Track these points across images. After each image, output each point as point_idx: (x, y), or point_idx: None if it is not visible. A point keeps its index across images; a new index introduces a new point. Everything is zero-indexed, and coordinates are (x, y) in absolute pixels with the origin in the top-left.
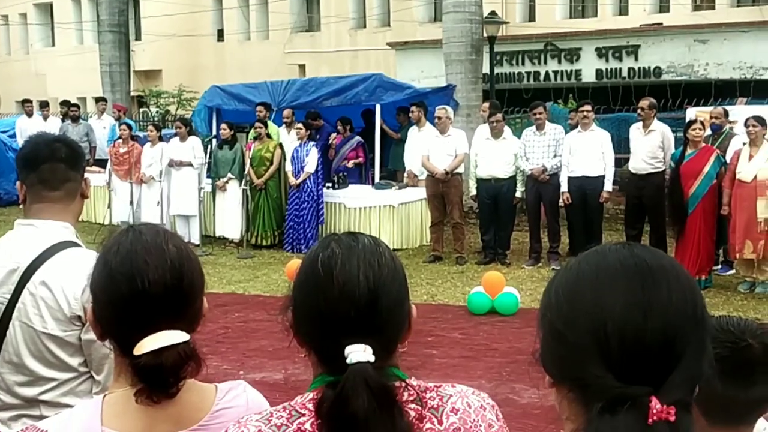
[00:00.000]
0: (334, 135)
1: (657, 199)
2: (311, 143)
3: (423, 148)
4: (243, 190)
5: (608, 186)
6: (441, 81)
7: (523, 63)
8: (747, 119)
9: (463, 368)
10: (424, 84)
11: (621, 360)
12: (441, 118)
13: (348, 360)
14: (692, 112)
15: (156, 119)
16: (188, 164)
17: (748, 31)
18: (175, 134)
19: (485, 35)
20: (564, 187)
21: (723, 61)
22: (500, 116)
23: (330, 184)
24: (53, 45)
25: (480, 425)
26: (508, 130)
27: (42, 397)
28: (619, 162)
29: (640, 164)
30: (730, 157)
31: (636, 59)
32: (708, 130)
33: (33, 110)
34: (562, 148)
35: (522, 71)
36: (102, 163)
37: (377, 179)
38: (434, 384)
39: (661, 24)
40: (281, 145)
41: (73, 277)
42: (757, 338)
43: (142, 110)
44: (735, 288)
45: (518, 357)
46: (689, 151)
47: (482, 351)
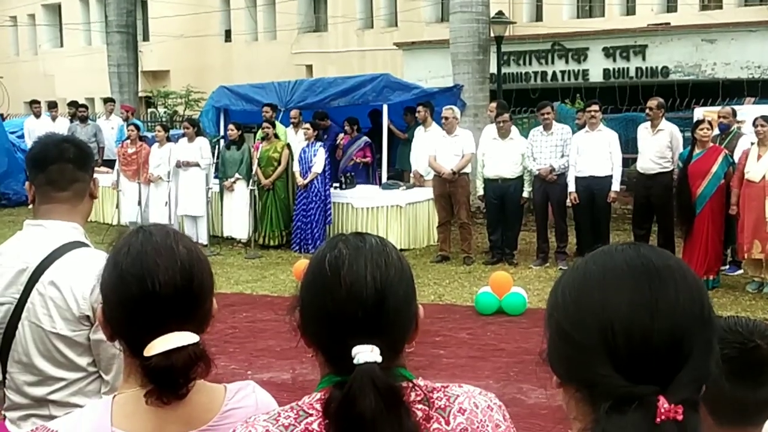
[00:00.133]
0: (342, 135)
1: (665, 199)
2: (319, 143)
3: (430, 148)
4: (251, 191)
5: (616, 186)
6: (448, 81)
7: (531, 63)
8: (756, 119)
9: (471, 368)
10: (432, 84)
11: (628, 360)
12: (448, 118)
13: (355, 360)
14: (700, 112)
15: (164, 120)
16: (195, 165)
17: (756, 31)
18: (183, 135)
19: (492, 35)
20: (571, 187)
21: (731, 61)
22: (507, 116)
23: (337, 184)
24: (61, 46)
25: (487, 425)
26: (515, 130)
27: (51, 397)
28: (627, 162)
29: (648, 164)
30: (739, 157)
31: (643, 59)
32: (716, 130)
33: (41, 111)
34: (570, 148)
35: (529, 71)
36: (110, 164)
37: (384, 179)
38: (441, 384)
39: (669, 24)
40: (289, 146)
41: (82, 277)
42: (766, 339)
43: (150, 111)
44: (743, 288)
45: (526, 357)
46: (697, 151)
47: (490, 351)
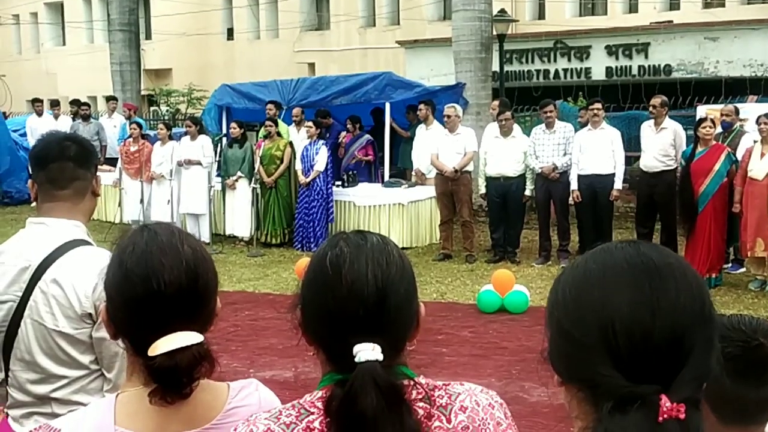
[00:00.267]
0: (344, 133)
1: (669, 197)
2: (321, 142)
3: (432, 147)
4: (253, 189)
5: (618, 184)
6: (450, 79)
7: (533, 61)
8: (759, 117)
9: (473, 366)
10: (434, 82)
11: (629, 359)
12: (450, 117)
13: (356, 358)
14: (702, 110)
15: (166, 118)
16: (197, 163)
17: (759, 29)
18: (186, 133)
19: (495, 33)
20: (574, 185)
21: (733, 59)
22: (509, 114)
23: (339, 183)
24: (64, 44)
25: (488, 423)
26: (518, 128)
27: (53, 395)
28: (629, 160)
29: (652, 162)
30: (742, 155)
31: (646, 57)
32: (719, 128)
33: (43, 109)
34: (572, 146)
35: (532, 69)
36: (112, 162)
37: (387, 177)
38: (443, 382)
39: (671, 22)
40: (291, 144)
41: (84, 275)
42: None
43: (153, 109)
44: (746, 286)
45: (528, 355)
46: (700, 149)
47: (492, 349)
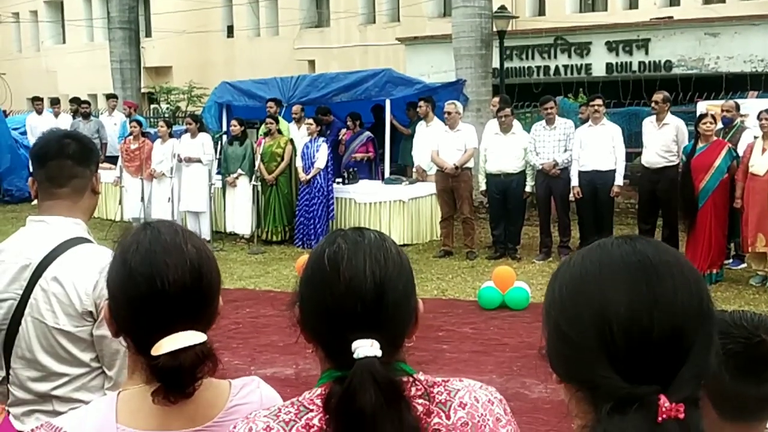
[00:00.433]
0: (344, 130)
1: (671, 193)
2: (321, 139)
3: (433, 143)
4: (253, 186)
5: (619, 180)
6: (451, 76)
7: (533, 57)
8: (760, 113)
9: (474, 363)
10: (434, 79)
11: (627, 359)
12: (450, 113)
13: (355, 355)
14: (703, 106)
15: (166, 115)
16: (198, 161)
17: (759, 24)
18: (186, 130)
19: (495, 30)
20: (575, 182)
21: (734, 55)
22: (509, 111)
23: (340, 180)
24: (64, 42)
25: (488, 419)
26: (518, 125)
27: (54, 393)
28: (630, 156)
29: (654, 158)
30: (743, 151)
31: (646, 53)
32: (719, 124)
33: (43, 107)
34: (573, 143)
35: (532, 66)
36: (113, 160)
37: (387, 174)
38: (442, 379)
39: (672, 17)
40: (292, 141)
41: (85, 273)
42: None
43: (153, 107)
44: (746, 282)
45: (529, 352)
46: (700, 145)
47: (493, 346)
